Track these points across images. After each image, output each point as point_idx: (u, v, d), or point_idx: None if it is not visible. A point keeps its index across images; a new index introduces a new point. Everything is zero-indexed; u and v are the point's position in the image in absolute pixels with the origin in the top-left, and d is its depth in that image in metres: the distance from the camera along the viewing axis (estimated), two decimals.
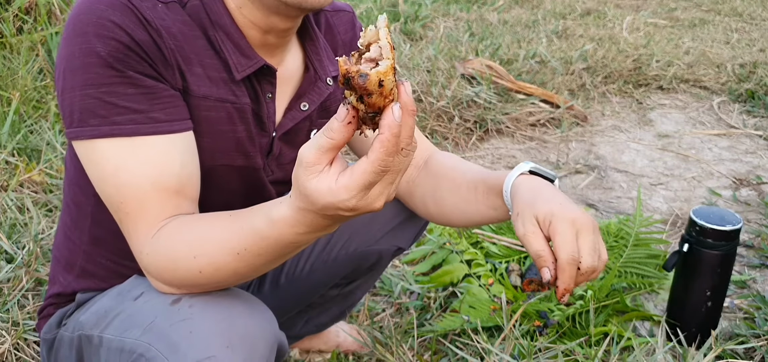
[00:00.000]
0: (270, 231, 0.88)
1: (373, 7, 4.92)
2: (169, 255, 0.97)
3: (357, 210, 0.79)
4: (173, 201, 0.98)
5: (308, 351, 1.79)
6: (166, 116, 0.99)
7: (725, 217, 1.74)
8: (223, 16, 1.05)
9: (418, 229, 1.49)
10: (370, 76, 0.71)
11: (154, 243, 0.97)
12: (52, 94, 2.89)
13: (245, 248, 0.91)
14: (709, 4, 6.25)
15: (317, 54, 1.18)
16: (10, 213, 2.08)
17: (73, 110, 0.96)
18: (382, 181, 0.79)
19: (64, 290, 1.22)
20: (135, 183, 0.97)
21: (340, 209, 0.79)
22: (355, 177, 0.77)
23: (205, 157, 1.06)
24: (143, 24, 0.97)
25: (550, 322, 1.85)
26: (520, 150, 3.18)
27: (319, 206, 0.79)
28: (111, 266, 1.17)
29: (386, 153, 0.75)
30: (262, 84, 1.10)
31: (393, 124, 0.74)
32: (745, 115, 3.69)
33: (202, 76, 1.04)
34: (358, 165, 0.77)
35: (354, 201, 0.78)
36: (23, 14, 3.21)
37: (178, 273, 0.97)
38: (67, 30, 0.97)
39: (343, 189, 0.77)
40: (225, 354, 0.93)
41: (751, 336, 1.83)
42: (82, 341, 1.11)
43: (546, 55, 4.14)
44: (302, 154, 0.79)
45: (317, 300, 1.57)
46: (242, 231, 0.91)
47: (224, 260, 0.93)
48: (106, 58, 0.94)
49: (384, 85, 0.72)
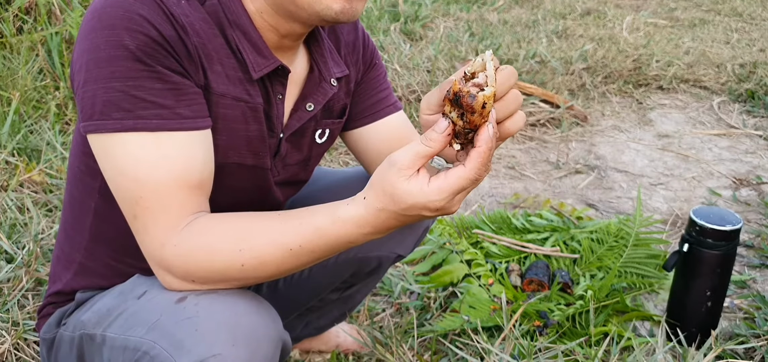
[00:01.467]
0: (333, 230, 0.94)
1: (373, 7, 4.92)
2: (206, 246, 0.97)
3: (441, 211, 0.89)
4: (196, 197, 0.99)
5: (308, 352, 1.79)
6: (191, 112, 0.99)
7: (725, 217, 1.74)
8: (241, 16, 1.06)
9: (418, 237, 1.49)
10: (477, 98, 0.83)
11: (184, 235, 0.97)
12: (52, 93, 2.88)
13: (301, 244, 0.95)
14: (709, 4, 6.25)
15: (322, 55, 1.18)
16: (10, 213, 2.08)
17: (95, 102, 0.95)
18: (468, 188, 0.88)
19: (63, 288, 1.22)
20: (157, 177, 0.96)
21: (427, 208, 0.88)
22: (450, 181, 0.86)
23: (219, 154, 1.07)
24: (170, 20, 0.97)
25: (550, 322, 1.85)
26: (521, 150, 3.18)
27: (406, 206, 0.88)
28: (111, 263, 1.17)
29: (482, 164, 0.85)
30: (274, 85, 1.11)
31: (489, 139, 0.85)
32: (745, 115, 3.69)
33: (221, 73, 1.05)
34: (453, 171, 0.87)
35: (442, 202, 0.87)
36: (23, 14, 3.21)
37: (214, 265, 0.97)
38: (88, 23, 0.96)
39: (436, 190, 0.86)
40: (230, 351, 0.93)
41: (751, 336, 1.83)
42: (83, 340, 1.11)
43: (546, 55, 4.14)
44: (397, 157, 0.87)
45: (316, 304, 1.57)
46: (301, 227, 0.95)
47: (273, 255, 0.96)
48: (134, 51, 0.94)
49: (486, 107, 0.84)
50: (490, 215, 2.43)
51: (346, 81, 1.27)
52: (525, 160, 3.08)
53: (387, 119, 1.33)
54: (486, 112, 0.85)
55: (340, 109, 1.27)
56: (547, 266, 2.09)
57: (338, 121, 1.27)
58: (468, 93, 0.84)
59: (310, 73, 1.18)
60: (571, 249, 2.23)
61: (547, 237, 2.31)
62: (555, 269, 2.11)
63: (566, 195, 2.76)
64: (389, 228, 0.93)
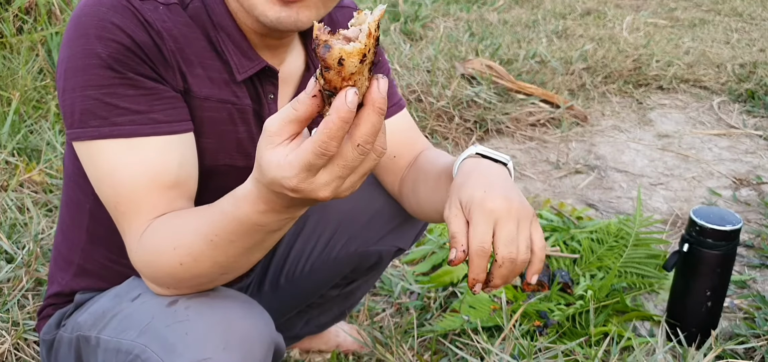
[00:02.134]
0: (234, 210, 0.86)
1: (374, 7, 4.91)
2: (152, 249, 0.97)
3: (299, 191, 0.75)
4: (166, 197, 0.98)
5: (308, 351, 1.79)
6: (166, 117, 0.99)
7: (725, 217, 1.74)
8: (224, 17, 1.05)
9: (419, 230, 1.49)
10: (332, 49, 0.67)
11: (141, 240, 0.97)
12: (52, 94, 2.88)
13: (216, 233, 0.89)
14: (709, 4, 6.25)
15: None
16: (10, 213, 2.08)
17: (73, 111, 0.97)
18: (330, 170, 0.75)
19: (62, 289, 1.22)
20: (131, 182, 0.97)
21: (283, 187, 0.76)
22: (298, 153, 0.73)
23: (207, 158, 1.06)
24: (144, 26, 0.98)
25: (550, 322, 1.85)
26: (521, 150, 3.18)
27: (268, 179, 0.77)
28: (109, 264, 1.17)
29: (329, 136, 0.71)
30: (264, 85, 1.10)
31: (341, 107, 0.69)
32: (745, 115, 3.69)
33: (203, 77, 1.04)
34: (303, 143, 0.74)
35: (296, 180, 0.74)
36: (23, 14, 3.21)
37: (162, 268, 0.96)
38: (68, 31, 0.98)
39: (288, 165, 0.74)
40: (221, 355, 0.93)
41: (751, 336, 1.83)
42: (80, 342, 1.11)
43: (546, 55, 4.14)
44: (267, 123, 0.76)
45: (317, 301, 1.57)
46: (213, 215, 0.90)
47: (200, 248, 0.92)
48: (106, 59, 0.95)
49: (344, 65, 0.67)
50: None
51: None
52: (525, 160, 3.08)
53: (390, 120, 1.32)
54: (346, 72, 0.68)
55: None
56: (547, 266, 2.09)
57: None
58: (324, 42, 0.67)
59: (306, 72, 1.18)
60: (571, 249, 2.23)
61: (547, 237, 2.31)
62: (555, 269, 2.11)
63: (566, 196, 2.76)
64: (283, 209, 0.82)
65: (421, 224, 1.48)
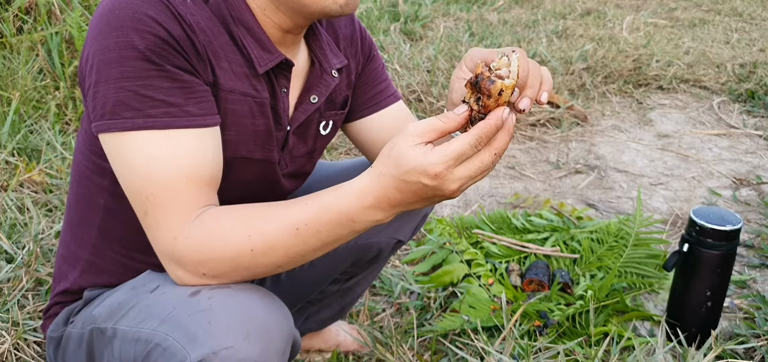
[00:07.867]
0: (336, 200, 0.95)
1: (374, 7, 4.92)
2: (217, 234, 0.97)
3: (439, 178, 0.88)
4: (205, 191, 1.00)
5: (308, 351, 1.79)
6: (199, 110, 1.00)
7: (725, 217, 1.74)
8: (244, 13, 1.08)
9: (418, 222, 1.51)
10: (496, 83, 0.89)
11: (195, 226, 0.98)
12: (52, 93, 2.89)
13: (305, 222, 0.96)
14: (709, 4, 6.25)
15: (321, 48, 1.21)
16: (10, 213, 2.08)
17: (105, 103, 0.97)
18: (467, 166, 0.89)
19: (70, 287, 1.22)
20: (168, 173, 0.97)
21: (426, 173, 0.88)
22: (452, 145, 0.88)
23: (228, 149, 1.08)
24: (178, 19, 0.99)
25: (550, 322, 1.85)
26: (520, 149, 3.18)
27: (406, 169, 0.88)
28: (120, 260, 1.18)
29: (485, 133, 0.88)
30: (278, 78, 1.13)
31: (500, 117, 0.88)
32: (745, 115, 3.69)
33: (228, 70, 1.07)
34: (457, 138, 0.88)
35: (442, 167, 0.87)
36: (23, 14, 3.21)
37: (226, 254, 0.98)
38: (97, 25, 0.98)
39: (436, 153, 0.87)
40: (243, 345, 0.93)
41: (751, 336, 1.83)
42: (93, 334, 1.11)
43: (546, 55, 4.14)
44: (411, 126, 0.90)
45: (317, 297, 1.58)
46: (306, 205, 0.97)
47: (281, 236, 0.97)
48: (144, 51, 0.95)
49: (502, 95, 0.89)
50: (490, 215, 2.43)
51: (347, 73, 1.30)
52: (525, 159, 3.08)
53: (388, 109, 1.38)
54: (502, 100, 0.89)
55: (342, 100, 1.30)
56: (547, 266, 2.09)
57: (341, 112, 1.30)
58: (488, 77, 0.89)
59: (312, 67, 1.21)
60: (571, 249, 2.23)
61: (547, 237, 2.31)
62: (555, 269, 2.11)
63: (566, 195, 2.76)
64: (390, 202, 0.93)
65: (420, 216, 1.51)
